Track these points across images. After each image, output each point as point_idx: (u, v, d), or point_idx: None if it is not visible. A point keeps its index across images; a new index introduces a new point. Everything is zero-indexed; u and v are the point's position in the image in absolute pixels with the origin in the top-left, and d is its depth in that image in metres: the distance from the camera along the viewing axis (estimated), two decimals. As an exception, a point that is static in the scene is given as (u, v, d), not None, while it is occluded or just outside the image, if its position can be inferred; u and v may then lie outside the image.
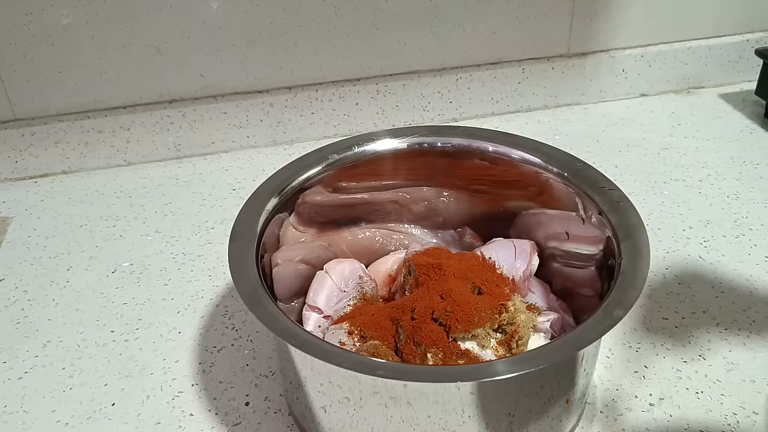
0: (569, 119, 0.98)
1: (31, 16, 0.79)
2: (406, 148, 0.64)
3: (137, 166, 0.90)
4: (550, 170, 0.61)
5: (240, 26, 0.84)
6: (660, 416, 0.56)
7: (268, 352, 0.63)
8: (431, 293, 0.54)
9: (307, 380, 0.49)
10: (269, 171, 0.61)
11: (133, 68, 0.84)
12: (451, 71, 0.94)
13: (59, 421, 0.57)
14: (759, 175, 0.85)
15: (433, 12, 0.89)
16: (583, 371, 0.51)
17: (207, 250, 0.76)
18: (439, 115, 0.97)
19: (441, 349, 0.51)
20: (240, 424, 0.56)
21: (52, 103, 0.84)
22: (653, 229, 0.76)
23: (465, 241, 0.68)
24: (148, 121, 0.88)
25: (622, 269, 0.50)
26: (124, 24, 0.81)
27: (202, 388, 0.60)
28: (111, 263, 0.74)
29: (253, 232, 0.55)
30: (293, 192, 0.61)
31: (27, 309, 0.69)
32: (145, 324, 0.66)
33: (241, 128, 0.91)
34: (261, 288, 0.50)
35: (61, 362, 0.63)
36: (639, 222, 0.54)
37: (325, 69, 0.90)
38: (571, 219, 0.60)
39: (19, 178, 0.88)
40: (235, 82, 0.88)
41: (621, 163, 0.88)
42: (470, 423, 0.46)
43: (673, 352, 0.62)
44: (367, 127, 0.94)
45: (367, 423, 0.48)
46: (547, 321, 0.56)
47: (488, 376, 0.43)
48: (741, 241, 0.74)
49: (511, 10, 0.91)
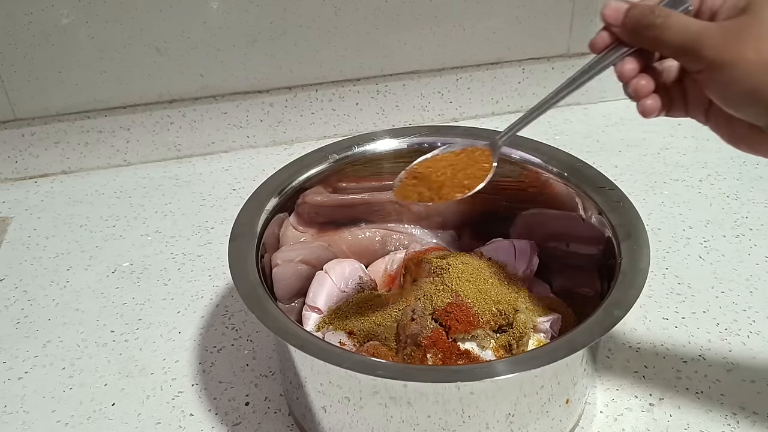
0: (569, 119, 0.98)
1: (31, 16, 0.79)
2: (406, 148, 0.64)
3: (137, 166, 0.90)
4: (550, 170, 0.61)
5: (240, 26, 0.84)
6: (660, 416, 0.56)
7: (268, 352, 0.63)
8: (431, 293, 0.54)
9: (307, 380, 0.49)
10: (269, 171, 0.61)
11: (133, 68, 0.84)
12: (451, 71, 0.94)
13: (59, 421, 0.57)
14: (759, 175, 0.85)
15: (433, 12, 0.89)
16: (583, 371, 0.51)
17: (207, 250, 0.76)
18: (439, 115, 0.97)
19: (441, 349, 0.51)
20: (240, 424, 0.56)
21: (52, 103, 0.84)
22: (653, 229, 0.76)
23: (465, 241, 0.68)
24: (148, 121, 0.88)
25: (622, 269, 0.50)
26: (124, 24, 0.81)
27: (202, 388, 0.60)
28: (111, 263, 0.74)
29: (253, 232, 0.55)
30: (293, 192, 0.61)
31: (27, 309, 0.69)
32: (145, 324, 0.66)
33: (241, 128, 0.91)
34: (261, 288, 0.50)
35: (61, 362, 0.63)
36: (639, 222, 0.54)
37: (325, 69, 0.90)
38: (571, 219, 0.60)
39: (19, 178, 0.88)
40: (235, 82, 0.88)
41: (621, 163, 0.88)
42: (470, 423, 0.46)
43: (673, 352, 0.62)
44: (367, 127, 0.94)
45: (367, 423, 0.48)
46: (547, 321, 0.56)
47: (488, 376, 0.43)
48: (741, 241, 0.74)
49: (511, 10, 0.91)
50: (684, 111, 0.47)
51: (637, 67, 0.45)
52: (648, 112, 0.46)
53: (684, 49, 0.42)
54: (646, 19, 0.43)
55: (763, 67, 0.39)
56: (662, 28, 0.42)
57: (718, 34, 0.40)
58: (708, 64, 0.41)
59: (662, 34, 0.42)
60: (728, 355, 0.61)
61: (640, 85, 0.45)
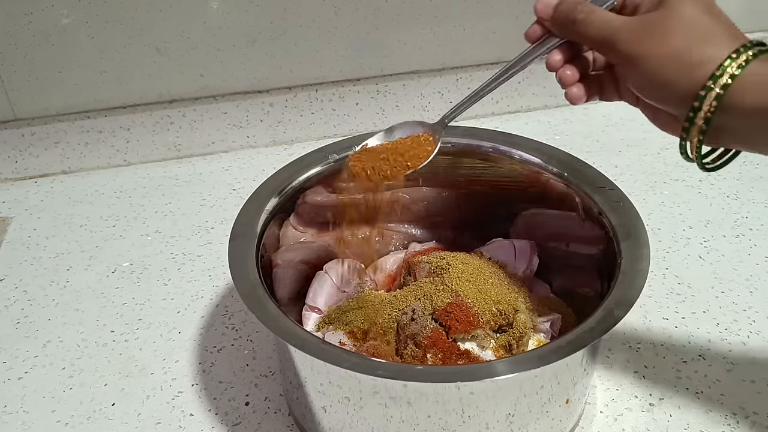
0: (569, 119, 0.98)
1: (31, 16, 0.79)
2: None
3: (137, 166, 0.90)
4: (550, 170, 0.61)
5: (240, 26, 0.84)
6: (660, 416, 0.56)
7: (268, 352, 0.63)
8: (431, 293, 0.54)
9: (307, 380, 0.49)
10: (269, 171, 0.61)
11: (133, 68, 0.84)
12: (451, 71, 0.94)
13: (59, 421, 0.57)
14: (759, 175, 0.85)
15: (433, 12, 0.89)
16: (583, 371, 0.51)
17: (207, 250, 0.76)
18: (439, 115, 0.96)
19: (441, 349, 0.51)
20: (240, 424, 0.56)
21: (52, 103, 0.84)
22: (653, 229, 0.76)
23: (465, 241, 0.68)
24: (148, 121, 0.88)
25: (622, 269, 0.50)
26: (124, 24, 0.81)
27: (202, 388, 0.60)
28: (111, 263, 0.74)
29: (253, 232, 0.55)
30: (293, 192, 0.61)
31: (27, 309, 0.69)
32: (145, 324, 0.66)
33: (241, 128, 0.91)
34: (261, 288, 0.50)
35: (61, 362, 0.63)
36: (639, 222, 0.54)
37: (325, 69, 0.90)
38: (571, 219, 0.60)
39: (19, 178, 0.88)
40: (235, 82, 0.88)
41: (621, 163, 0.88)
42: (470, 423, 0.46)
43: (673, 352, 0.62)
44: (367, 127, 0.94)
45: (367, 423, 0.48)
46: (547, 321, 0.56)
47: (488, 376, 0.43)
48: (741, 241, 0.74)
49: (511, 10, 0.91)
50: (617, 95, 0.49)
51: (563, 58, 0.48)
52: (574, 99, 0.49)
53: (603, 44, 0.44)
54: (571, 15, 0.46)
55: (670, 60, 0.41)
56: (585, 23, 0.45)
57: (632, 29, 0.43)
58: (623, 58, 0.43)
59: (584, 29, 0.45)
60: (728, 355, 0.61)
61: (566, 75, 0.48)
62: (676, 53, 0.41)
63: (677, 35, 0.41)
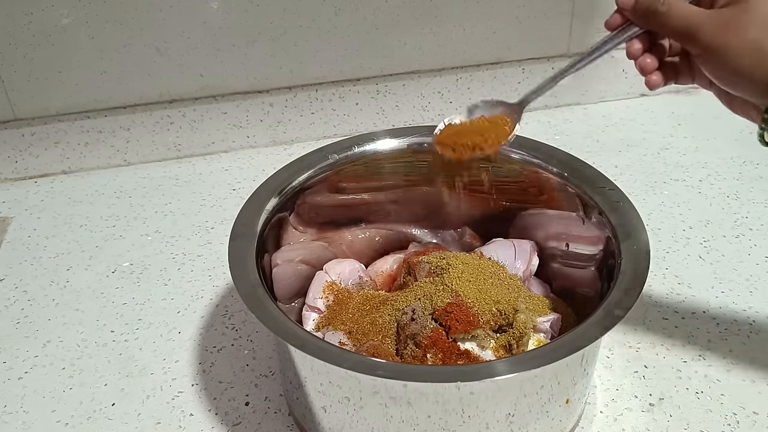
0: (569, 119, 0.98)
1: (31, 16, 0.79)
2: (406, 148, 0.64)
3: (137, 166, 0.90)
4: (550, 170, 0.61)
5: (240, 26, 0.84)
6: (660, 416, 0.56)
7: (268, 352, 0.63)
8: (431, 293, 0.54)
9: (307, 380, 0.49)
10: (269, 171, 0.61)
11: (133, 68, 0.84)
12: (451, 71, 0.94)
13: (59, 421, 0.57)
14: (759, 175, 0.85)
15: (433, 12, 0.89)
16: (583, 371, 0.51)
17: (207, 250, 0.76)
18: (439, 115, 0.97)
19: (441, 349, 0.51)
20: (240, 424, 0.56)
21: (52, 103, 0.84)
22: (653, 229, 0.76)
23: (465, 241, 0.68)
24: (148, 121, 0.88)
25: (622, 269, 0.50)
26: (124, 24, 0.81)
27: (202, 388, 0.60)
28: (111, 263, 0.74)
29: (253, 232, 0.55)
30: (293, 192, 0.61)
31: (27, 309, 0.69)
32: (145, 324, 0.66)
33: (241, 128, 0.91)
34: (261, 288, 0.50)
35: (61, 362, 0.63)
36: (639, 222, 0.54)
37: (325, 69, 0.90)
38: (571, 219, 0.60)
39: (19, 178, 0.88)
40: (235, 82, 0.88)
41: (621, 163, 0.88)
42: (470, 423, 0.46)
43: (673, 352, 0.62)
44: (367, 127, 0.94)
45: (367, 423, 0.48)
46: (547, 321, 0.56)
47: (488, 376, 0.43)
48: (741, 241, 0.74)
49: (511, 10, 0.91)
50: (690, 79, 0.53)
51: (642, 47, 0.51)
52: (653, 85, 0.52)
53: (683, 35, 0.48)
54: (652, 6, 0.49)
55: (748, 51, 0.45)
56: (666, 15, 0.48)
57: (711, 23, 0.46)
58: (703, 49, 0.47)
59: (666, 21, 0.48)
60: (728, 355, 0.61)
61: (646, 63, 0.51)
62: (754, 45, 0.44)
63: (755, 28, 0.44)
